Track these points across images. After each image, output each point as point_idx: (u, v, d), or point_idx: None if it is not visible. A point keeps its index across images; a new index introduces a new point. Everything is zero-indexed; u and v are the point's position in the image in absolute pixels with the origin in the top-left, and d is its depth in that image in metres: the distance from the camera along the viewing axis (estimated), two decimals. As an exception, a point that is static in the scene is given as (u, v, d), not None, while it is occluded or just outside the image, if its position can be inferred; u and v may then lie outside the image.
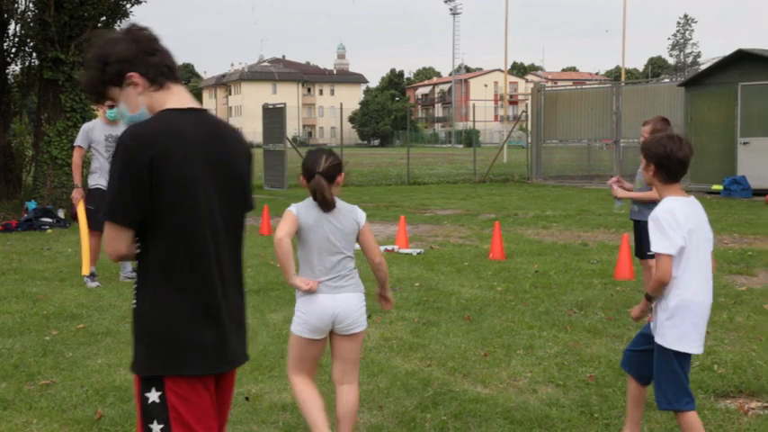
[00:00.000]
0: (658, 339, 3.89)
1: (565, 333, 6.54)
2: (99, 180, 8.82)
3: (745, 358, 5.73)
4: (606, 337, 6.41)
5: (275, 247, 3.89)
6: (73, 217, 14.39)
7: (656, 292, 3.89)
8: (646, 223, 7.34)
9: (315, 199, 3.91)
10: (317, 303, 3.92)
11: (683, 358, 3.87)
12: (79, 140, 8.90)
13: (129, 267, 9.02)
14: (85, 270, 8.56)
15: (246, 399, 5.04)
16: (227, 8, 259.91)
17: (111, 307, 7.63)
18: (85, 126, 9.05)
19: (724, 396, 5.05)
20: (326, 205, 3.91)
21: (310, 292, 3.93)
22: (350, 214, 4.01)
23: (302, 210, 3.94)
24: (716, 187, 19.13)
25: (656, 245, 3.86)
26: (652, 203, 7.07)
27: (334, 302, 3.92)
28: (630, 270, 8.64)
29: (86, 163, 9.26)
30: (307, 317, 3.96)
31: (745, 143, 18.93)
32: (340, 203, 3.99)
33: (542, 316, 7.12)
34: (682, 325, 3.81)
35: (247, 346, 2.85)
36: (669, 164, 3.90)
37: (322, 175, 3.88)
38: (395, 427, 4.60)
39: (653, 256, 7.49)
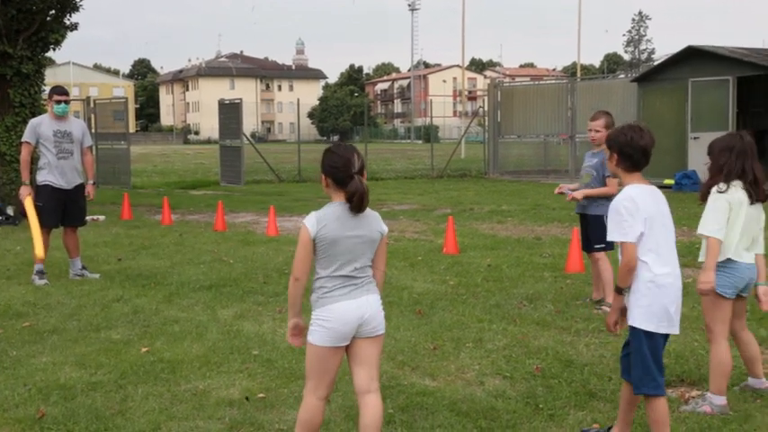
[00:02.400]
0: (629, 320, 3.98)
1: (514, 326, 6.60)
2: (47, 176, 8.68)
3: (687, 348, 5.84)
4: (554, 330, 6.49)
5: (290, 288, 3.75)
6: (22, 214, 14.15)
7: (624, 281, 3.94)
8: (592, 217, 7.54)
9: (351, 202, 3.66)
10: (340, 309, 3.70)
11: (653, 339, 3.92)
12: (27, 136, 8.75)
13: (78, 264, 8.91)
14: (39, 252, 8.28)
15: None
16: (182, 2, 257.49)
17: (59, 305, 7.53)
18: (33, 121, 8.90)
19: (666, 385, 5.11)
20: (362, 209, 3.69)
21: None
22: (375, 223, 3.79)
23: (324, 223, 3.68)
24: (667, 182, 19.41)
25: (617, 233, 3.92)
26: (601, 198, 7.22)
27: (359, 306, 3.72)
28: (581, 263, 8.75)
29: (35, 159, 9.09)
30: (331, 324, 3.70)
31: (695, 138, 19.25)
32: (366, 210, 3.75)
33: (493, 309, 7.18)
34: (651, 305, 3.90)
35: None
36: (631, 151, 3.97)
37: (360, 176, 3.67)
38: (342, 421, 4.60)
39: (599, 250, 7.65)
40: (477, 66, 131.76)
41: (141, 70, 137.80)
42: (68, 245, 8.88)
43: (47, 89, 10.92)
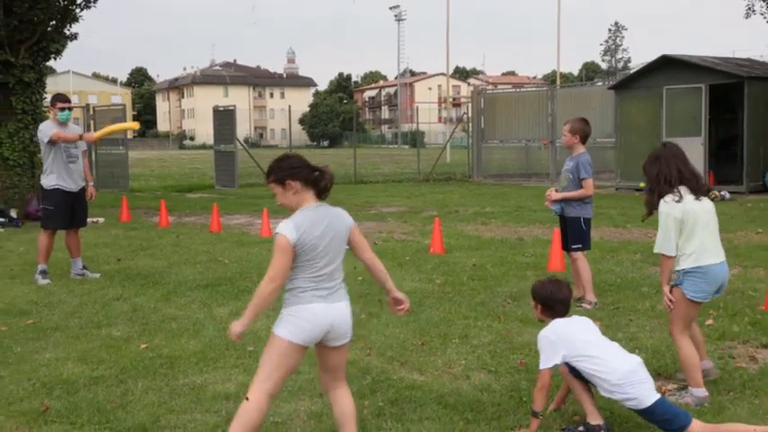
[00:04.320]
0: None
1: (499, 322, 6.80)
2: (58, 180, 8.80)
3: (664, 343, 6.01)
4: (537, 326, 6.52)
5: (265, 288, 3.69)
6: (26, 216, 14.37)
7: (537, 404, 4.36)
8: (569, 218, 7.85)
9: (323, 189, 3.83)
10: (312, 311, 3.73)
11: None
12: (45, 134, 8.76)
13: (80, 264, 9.09)
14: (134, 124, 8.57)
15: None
16: (178, 12, 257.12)
17: (61, 303, 7.71)
18: (46, 124, 8.95)
19: (643, 379, 5.36)
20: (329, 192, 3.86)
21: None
22: (341, 219, 3.89)
23: (303, 228, 3.73)
24: (643, 185, 19.66)
25: (542, 361, 4.40)
26: (579, 200, 7.54)
27: (329, 312, 3.76)
28: (562, 262, 8.95)
29: (39, 164, 9.25)
30: (302, 323, 3.73)
31: (669, 143, 19.59)
32: (330, 208, 3.87)
33: (478, 307, 7.39)
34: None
35: None
36: (552, 303, 4.53)
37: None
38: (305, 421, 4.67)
39: (575, 249, 7.94)
40: (461, 74, 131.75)
41: (138, 78, 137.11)
42: (70, 245, 9.07)
43: (48, 97, 11.11)
